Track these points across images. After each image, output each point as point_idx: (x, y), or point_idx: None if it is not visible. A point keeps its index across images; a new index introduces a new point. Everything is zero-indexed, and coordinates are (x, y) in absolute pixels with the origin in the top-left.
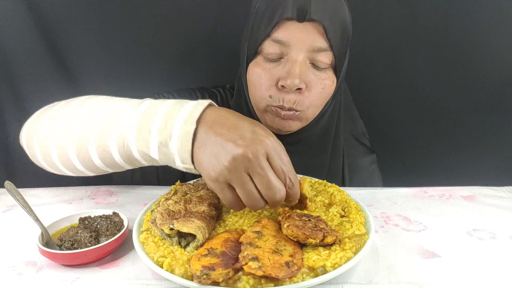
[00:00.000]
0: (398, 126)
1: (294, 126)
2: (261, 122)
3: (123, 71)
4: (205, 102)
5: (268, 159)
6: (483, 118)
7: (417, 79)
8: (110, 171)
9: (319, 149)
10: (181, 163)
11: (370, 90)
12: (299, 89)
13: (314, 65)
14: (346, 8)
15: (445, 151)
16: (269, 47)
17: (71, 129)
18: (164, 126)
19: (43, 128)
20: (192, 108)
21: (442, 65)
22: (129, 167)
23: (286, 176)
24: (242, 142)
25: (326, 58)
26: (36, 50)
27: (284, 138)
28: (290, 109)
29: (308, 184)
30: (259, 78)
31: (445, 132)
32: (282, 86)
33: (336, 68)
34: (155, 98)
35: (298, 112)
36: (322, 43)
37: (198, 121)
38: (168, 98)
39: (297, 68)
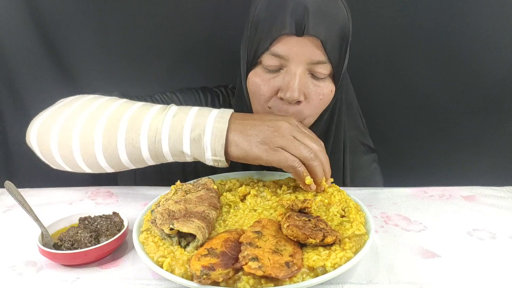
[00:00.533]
0: (398, 126)
1: None
2: None
3: (123, 71)
4: (230, 110)
5: None
6: (482, 118)
7: (416, 79)
8: (132, 167)
9: None
10: (211, 156)
11: (369, 90)
12: (299, 101)
13: (313, 76)
14: (346, 14)
15: (445, 151)
16: (268, 60)
17: (98, 125)
18: (197, 124)
19: (64, 123)
20: (220, 111)
21: (441, 65)
22: (151, 163)
23: (316, 138)
24: (278, 118)
25: (324, 69)
26: (36, 50)
27: None
28: None
29: None
30: (259, 88)
31: (444, 132)
32: (281, 98)
33: (334, 76)
34: (159, 97)
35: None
36: (320, 56)
37: (229, 120)
38: (171, 97)
39: (296, 81)
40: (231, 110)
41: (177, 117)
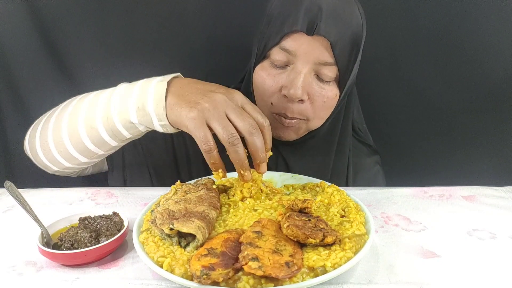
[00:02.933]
0: (398, 126)
1: (293, 136)
2: None
3: (123, 70)
4: (176, 73)
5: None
6: (483, 118)
7: (417, 79)
8: (100, 152)
9: (323, 150)
10: (158, 121)
11: (370, 90)
12: (301, 100)
13: (319, 78)
14: (360, 21)
15: (445, 151)
16: (276, 54)
17: (62, 119)
18: (140, 93)
19: (43, 124)
20: (164, 76)
21: (442, 64)
22: (114, 143)
23: (261, 116)
24: (220, 90)
25: (330, 72)
26: (35, 49)
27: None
28: (293, 118)
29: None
30: (263, 82)
31: (445, 132)
32: (284, 95)
33: (340, 81)
34: None
35: (302, 121)
36: (328, 57)
37: (169, 83)
38: None
39: (301, 79)
40: (176, 74)
41: (124, 91)
